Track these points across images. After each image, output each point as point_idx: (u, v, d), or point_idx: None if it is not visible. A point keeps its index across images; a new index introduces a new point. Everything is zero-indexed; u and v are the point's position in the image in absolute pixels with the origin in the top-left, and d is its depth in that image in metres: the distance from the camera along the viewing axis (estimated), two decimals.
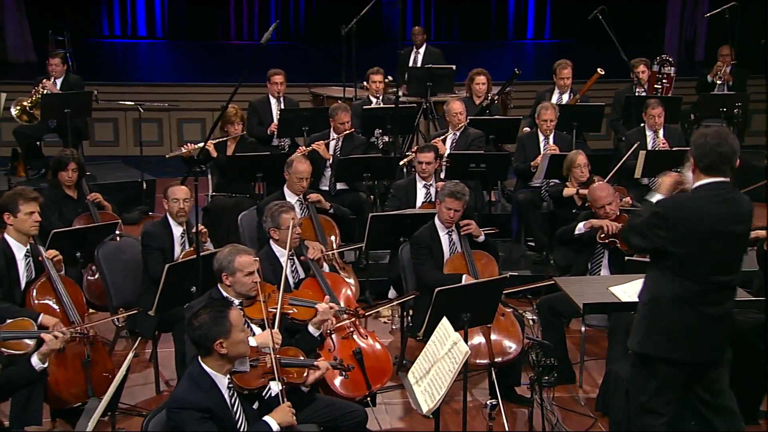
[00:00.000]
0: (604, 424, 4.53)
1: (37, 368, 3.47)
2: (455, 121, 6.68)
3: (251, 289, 3.84)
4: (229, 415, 3.10)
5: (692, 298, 3.35)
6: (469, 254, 4.85)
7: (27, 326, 3.76)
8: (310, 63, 11.20)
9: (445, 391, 3.39)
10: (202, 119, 10.27)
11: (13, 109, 7.51)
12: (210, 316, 3.11)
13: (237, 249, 3.91)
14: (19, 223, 4.40)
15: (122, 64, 13.49)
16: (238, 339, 3.12)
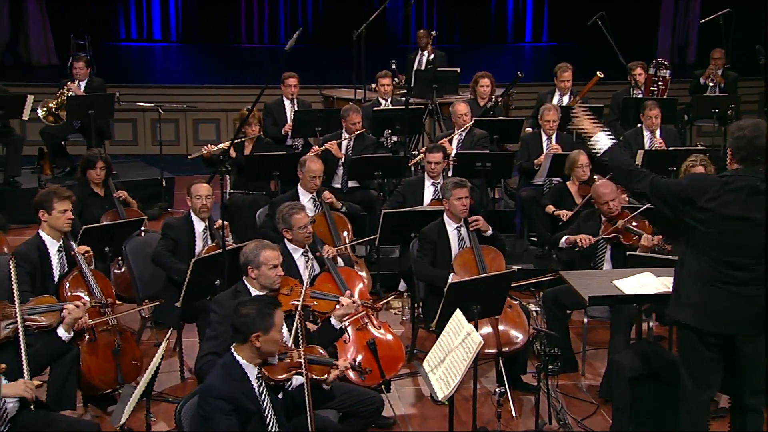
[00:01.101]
0: (606, 411, 4.58)
1: (64, 338, 3.52)
2: (461, 121, 6.73)
3: (275, 282, 3.89)
4: (257, 403, 3.15)
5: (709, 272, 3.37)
6: (477, 249, 4.89)
7: (49, 301, 3.80)
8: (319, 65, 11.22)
9: (460, 379, 3.44)
10: (217, 119, 10.31)
11: (40, 111, 7.57)
12: (257, 309, 3.16)
13: (262, 244, 3.95)
14: (53, 220, 4.45)
15: (139, 66, 13.52)
16: (274, 338, 3.18)
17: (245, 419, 3.08)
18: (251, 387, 3.16)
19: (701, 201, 3.39)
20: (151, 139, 10.08)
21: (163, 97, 9.64)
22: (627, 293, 3.88)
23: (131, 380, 4.55)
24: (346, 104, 7.93)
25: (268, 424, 3.17)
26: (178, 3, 14.74)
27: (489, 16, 15.43)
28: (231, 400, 3.05)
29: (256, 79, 11.28)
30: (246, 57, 14.20)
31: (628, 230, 4.92)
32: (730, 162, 3.48)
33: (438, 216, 5.13)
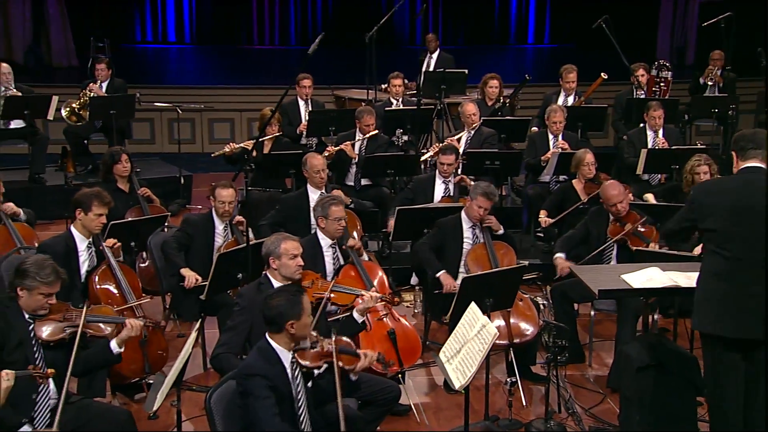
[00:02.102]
0: (613, 400, 4.62)
1: (114, 352, 3.56)
2: (469, 121, 6.76)
3: (295, 272, 3.93)
4: (290, 387, 3.20)
5: (728, 272, 3.36)
6: (490, 245, 4.94)
7: (109, 313, 3.85)
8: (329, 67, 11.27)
9: (476, 369, 3.48)
10: (232, 119, 10.36)
11: (63, 111, 7.61)
12: (286, 298, 3.21)
13: (283, 235, 4.00)
14: (88, 221, 4.50)
15: (154, 67, 13.57)
16: (305, 323, 3.23)
17: (279, 400, 3.13)
18: (285, 371, 3.21)
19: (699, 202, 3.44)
20: (168, 138, 10.14)
21: (178, 98, 9.67)
22: (635, 287, 3.91)
23: (158, 369, 4.61)
24: (357, 104, 8.00)
25: (298, 408, 3.22)
26: (192, 6, 14.78)
27: (492, 19, 15.45)
28: (267, 377, 3.11)
29: (267, 80, 11.34)
30: (257, 58, 14.25)
31: (636, 235, 4.95)
32: (735, 164, 3.52)
33: (451, 212, 5.17)
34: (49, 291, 3.46)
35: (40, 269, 3.43)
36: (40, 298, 3.45)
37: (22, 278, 3.44)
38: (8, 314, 3.45)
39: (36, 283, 3.42)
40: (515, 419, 4.40)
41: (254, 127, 10.11)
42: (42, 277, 3.42)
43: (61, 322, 3.53)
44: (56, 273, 3.48)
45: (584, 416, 4.48)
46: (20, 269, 3.47)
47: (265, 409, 3.08)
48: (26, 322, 3.48)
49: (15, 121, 7.44)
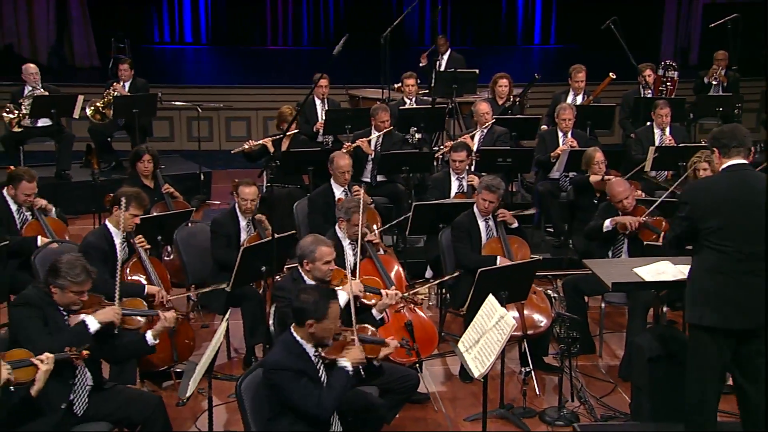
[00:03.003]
0: (624, 389, 4.65)
1: (150, 343, 3.62)
2: (482, 120, 6.78)
3: (326, 275, 3.98)
4: (316, 375, 3.25)
5: (727, 266, 3.38)
6: (504, 238, 4.97)
7: (141, 306, 3.90)
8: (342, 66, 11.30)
9: (495, 358, 3.51)
10: (248, 117, 10.42)
11: (88, 110, 7.68)
12: (315, 298, 3.23)
13: (318, 240, 4.03)
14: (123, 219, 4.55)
15: (171, 67, 13.63)
16: (327, 327, 3.24)
17: None
18: (310, 362, 3.26)
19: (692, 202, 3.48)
20: (187, 136, 10.20)
21: (195, 97, 9.76)
22: (647, 280, 3.94)
23: (185, 358, 4.67)
24: (370, 103, 8.02)
25: None
26: (207, 7, 14.84)
27: (500, 20, 15.45)
28: (294, 370, 3.15)
29: (282, 80, 11.40)
30: (271, 58, 14.30)
31: (646, 227, 4.97)
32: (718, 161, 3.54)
33: (464, 208, 5.20)
34: (80, 289, 3.50)
35: (71, 269, 3.48)
36: (72, 296, 3.50)
37: (54, 277, 3.49)
38: (45, 305, 3.50)
39: (67, 282, 3.47)
40: (529, 407, 4.45)
41: (270, 125, 10.19)
42: (72, 277, 3.47)
43: None
44: (87, 272, 3.52)
45: (596, 405, 4.51)
46: (53, 268, 3.52)
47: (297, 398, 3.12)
48: (61, 314, 3.53)
49: (42, 120, 7.50)
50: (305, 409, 3.14)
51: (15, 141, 7.51)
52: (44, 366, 3.16)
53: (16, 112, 7.34)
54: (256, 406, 3.28)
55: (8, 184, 5.11)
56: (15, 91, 7.60)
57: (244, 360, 4.88)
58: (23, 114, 7.35)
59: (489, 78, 8.08)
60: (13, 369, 3.10)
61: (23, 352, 3.22)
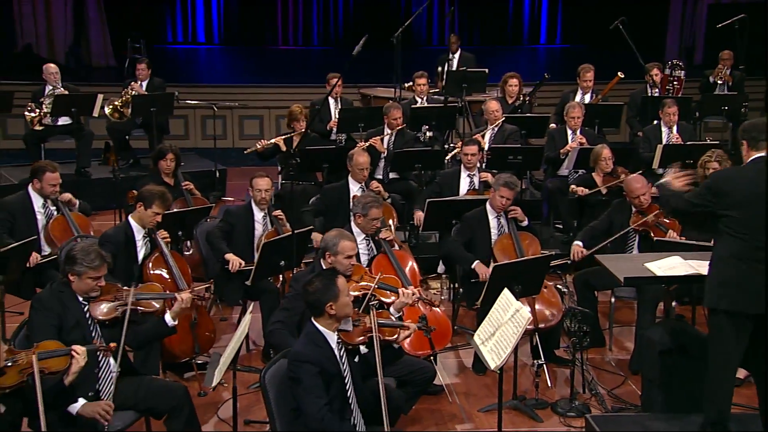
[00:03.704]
0: (634, 382, 4.67)
1: (170, 325, 3.66)
2: (493, 118, 6.80)
3: (347, 269, 4.02)
4: (338, 365, 3.29)
5: (746, 254, 3.40)
6: (515, 235, 4.99)
7: (157, 289, 3.94)
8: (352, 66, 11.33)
9: (511, 350, 3.54)
10: (261, 116, 10.46)
11: (107, 108, 7.72)
12: (322, 283, 3.28)
13: (342, 234, 4.07)
14: (146, 216, 4.61)
15: (185, 67, 13.68)
16: (344, 302, 3.30)
17: (328, 380, 3.21)
18: (332, 352, 3.29)
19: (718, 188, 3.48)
20: (201, 134, 10.25)
21: (209, 95, 9.79)
22: (658, 275, 3.96)
23: (206, 350, 4.71)
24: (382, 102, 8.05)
25: (346, 384, 3.31)
26: (220, 8, 14.89)
27: (506, 20, 15.45)
28: (317, 363, 3.19)
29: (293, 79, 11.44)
30: (282, 58, 14.33)
31: (658, 226, 4.98)
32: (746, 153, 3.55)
33: (478, 205, 5.23)
34: (96, 274, 3.53)
35: (86, 255, 3.51)
36: (89, 282, 3.53)
37: (71, 264, 3.53)
38: (63, 298, 3.54)
39: (83, 268, 3.50)
40: (542, 399, 4.47)
41: (282, 123, 10.23)
42: (88, 262, 3.50)
43: (113, 301, 3.60)
44: (101, 257, 3.55)
45: (607, 397, 4.54)
46: (69, 256, 3.55)
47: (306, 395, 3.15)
48: (80, 304, 3.56)
49: (62, 118, 7.56)
50: (307, 409, 3.16)
51: (36, 139, 7.57)
52: (80, 360, 3.20)
53: (38, 111, 7.40)
54: (280, 396, 3.31)
55: (33, 179, 5.14)
56: (36, 90, 7.66)
57: (263, 352, 4.92)
58: (44, 112, 7.41)
59: (496, 78, 8.10)
60: (47, 359, 3.14)
61: (55, 343, 3.27)
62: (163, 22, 14.72)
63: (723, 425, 3.49)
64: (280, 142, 6.66)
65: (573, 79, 7.89)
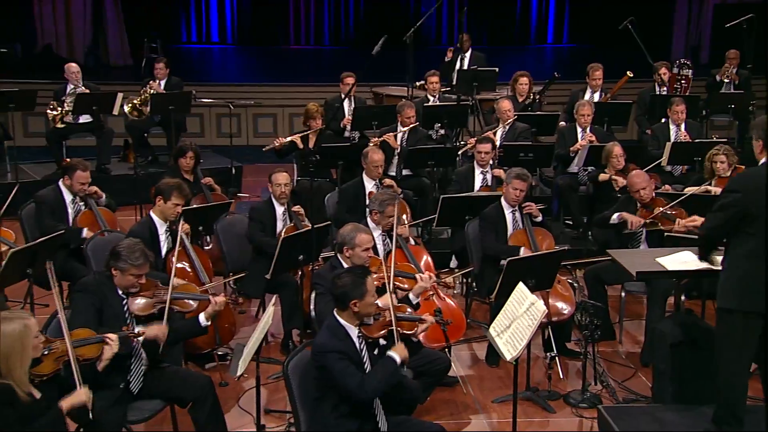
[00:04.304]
0: (644, 374, 4.69)
1: (202, 325, 3.72)
2: (504, 116, 6.81)
3: (365, 262, 4.05)
4: (359, 358, 3.32)
5: (761, 252, 3.38)
6: (530, 230, 5.02)
7: (193, 290, 4.00)
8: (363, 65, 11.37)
9: (527, 342, 3.56)
10: (274, 114, 10.50)
11: (126, 107, 7.78)
12: (351, 279, 3.31)
13: (358, 228, 4.10)
14: (167, 209, 4.66)
15: (199, 66, 13.73)
16: (369, 303, 3.32)
17: None
18: (353, 345, 3.32)
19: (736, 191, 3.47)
20: (217, 132, 10.30)
21: (223, 94, 9.84)
22: (670, 269, 3.97)
23: (227, 341, 4.77)
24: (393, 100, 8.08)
25: None
26: (233, 8, 14.94)
27: (514, 20, 15.44)
28: (339, 351, 3.23)
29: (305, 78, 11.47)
30: (294, 57, 14.37)
31: (666, 216, 4.99)
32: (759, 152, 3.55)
33: (491, 201, 5.25)
34: (138, 272, 3.60)
35: (131, 252, 3.58)
36: (131, 278, 3.59)
37: (115, 260, 3.60)
38: (105, 289, 3.60)
39: (127, 265, 3.57)
40: (554, 390, 4.50)
41: (295, 121, 10.27)
42: (132, 260, 3.57)
43: (151, 298, 3.67)
44: (145, 256, 3.63)
45: (618, 389, 4.56)
46: (114, 252, 3.62)
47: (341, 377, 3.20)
48: (120, 297, 3.63)
49: (83, 116, 7.62)
50: (348, 388, 3.21)
51: (58, 136, 7.63)
52: (114, 347, 3.26)
53: (60, 109, 7.46)
54: (302, 386, 3.35)
55: (64, 175, 5.21)
56: (57, 89, 7.72)
57: (282, 344, 4.97)
58: (66, 111, 7.47)
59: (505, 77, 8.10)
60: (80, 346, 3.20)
61: (87, 331, 3.33)
62: (178, 23, 14.78)
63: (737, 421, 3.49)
64: (297, 139, 6.69)
65: (580, 78, 7.89)
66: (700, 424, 3.68)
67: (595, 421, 4.15)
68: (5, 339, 2.87)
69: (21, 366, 2.90)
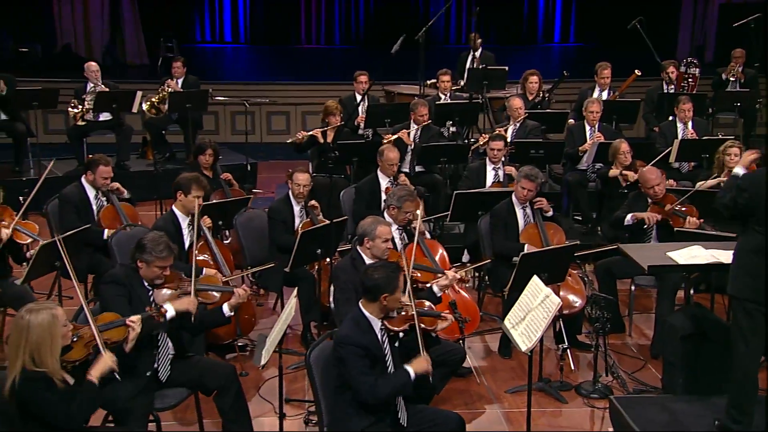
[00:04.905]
0: (654, 366, 4.72)
1: (226, 315, 3.76)
2: (515, 114, 6.84)
3: (384, 253, 4.09)
4: (381, 350, 3.36)
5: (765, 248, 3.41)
6: (541, 225, 5.04)
7: (217, 282, 4.04)
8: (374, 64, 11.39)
9: (541, 334, 3.60)
10: (287, 112, 10.55)
11: (144, 104, 7.83)
12: (386, 274, 3.33)
13: (378, 220, 4.14)
14: (187, 202, 4.71)
15: (212, 65, 13.79)
16: (397, 298, 3.36)
17: (372, 362, 3.29)
18: (375, 336, 3.36)
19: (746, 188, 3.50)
20: (231, 129, 10.35)
21: (237, 92, 9.88)
22: (680, 263, 4.00)
23: (247, 332, 4.82)
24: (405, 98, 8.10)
25: (387, 367, 3.37)
26: (246, 8, 14.99)
27: (521, 20, 15.43)
28: (362, 347, 3.26)
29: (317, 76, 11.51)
30: (305, 56, 14.40)
31: (676, 213, 5.01)
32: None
33: (502, 197, 5.28)
34: (163, 264, 3.65)
35: (155, 245, 3.63)
36: (156, 270, 3.64)
37: (141, 252, 3.65)
38: (132, 281, 3.66)
39: (152, 257, 3.61)
40: (566, 381, 4.53)
41: (308, 119, 10.32)
42: (157, 253, 3.62)
43: (176, 289, 3.72)
44: (169, 249, 3.68)
45: (628, 380, 4.59)
46: (140, 244, 3.67)
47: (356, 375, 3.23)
48: (146, 289, 3.68)
49: (103, 114, 7.68)
50: (359, 387, 3.24)
51: (79, 133, 7.70)
52: (136, 328, 3.31)
53: (80, 107, 7.52)
54: (324, 376, 3.39)
55: (87, 171, 5.26)
56: (78, 87, 7.78)
57: (301, 335, 5.01)
58: (86, 108, 7.53)
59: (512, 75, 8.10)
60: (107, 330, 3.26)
61: (113, 315, 3.39)
62: (192, 22, 14.84)
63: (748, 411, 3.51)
64: (318, 134, 6.73)
65: (586, 77, 7.89)
66: (710, 413, 3.70)
67: (606, 411, 4.19)
68: (34, 330, 2.92)
69: (52, 354, 2.95)
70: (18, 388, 2.87)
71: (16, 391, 2.87)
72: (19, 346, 2.91)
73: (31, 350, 2.91)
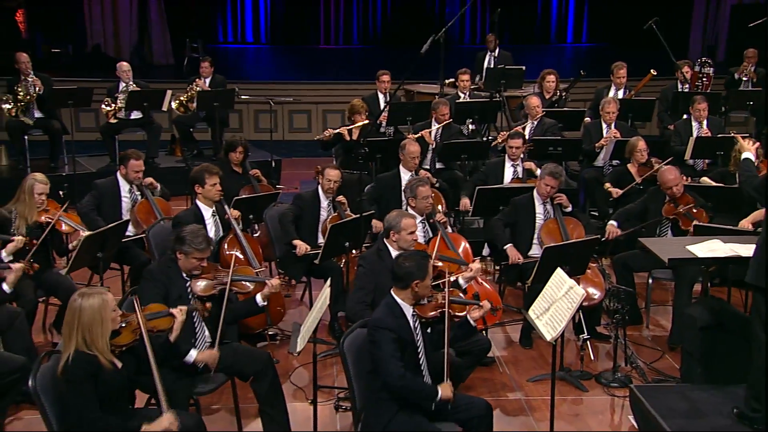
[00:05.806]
0: (672, 357, 4.73)
1: (259, 305, 3.84)
2: (533, 113, 6.85)
3: (410, 245, 4.13)
4: (412, 335, 3.40)
5: None
6: (561, 219, 5.07)
7: (250, 273, 4.10)
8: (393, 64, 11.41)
9: (566, 324, 3.62)
10: (308, 111, 10.61)
11: (173, 103, 7.93)
12: (417, 261, 3.39)
13: (402, 213, 4.19)
14: (207, 192, 4.76)
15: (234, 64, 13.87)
16: (427, 284, 3.42)
17: (403, 347, 3.33)
18: (408, 322, 3.41)
19: None
20: (254, 127, 10.43)
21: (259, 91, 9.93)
22: (700, 256, 4.01)
23: (277, 322, 4.89)
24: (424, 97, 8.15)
25: (419, 353, 3.42)
26: (267, 10, 15.08)
27: (535, 20, 15.40)
28: (394, 331, 3.31)
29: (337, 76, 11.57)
30: (324, 56, 14.47)
31: (686, 216, 5.02)
32: None
33: (524, 192, 5.30)
34: (201, 256, 3.72)
35: (194, 237, 3.71)
36: (194, 261, 3.72)
37: (180, 244, 3.72)
38: (170, 273, 3.74)
39: (191, 249, 3.69)
40: (586, 371, 4.56)
41: (329, 117, 10.38)
42: (195, 245, 3.69)
43: (212, 280, 3.79)
44: (207, 241, 3.76)
45: (647, 370, 4.61)
46: (179, 236, 3.74)
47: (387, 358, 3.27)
48: (184, 279, 3.75)
49: (134, 112, 7.77)
50: (388, 370, 3.25)
51: (111, 131, 7.80)
52: (180, 317, 3.39)
53: (113, 105, 7.63)
54: (357, 361, 3.44)
55: (120, 165, 5.34)
56: (110, 86, 7.88)
57: (329, 325, 5.07)
58: (119, 107, 7.64)
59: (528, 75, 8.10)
60: (153, 319, 3.34)
61: (160, 306, 3.46)
62: (215, 24, 14.95)
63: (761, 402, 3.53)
64: (344, 131, 6.79)
65: (599, 76, 7.87)
66: (729, 402, 3.72)
67: (626, 400, 4.21)
68: (87, 311, 3.00)
69: (102, 336, 3.03)
70: (69, 366, 2.95)
71: (67, 369, 2.95)
72: (73, 327, 2.99)
73: (83, 331, 2.99)
